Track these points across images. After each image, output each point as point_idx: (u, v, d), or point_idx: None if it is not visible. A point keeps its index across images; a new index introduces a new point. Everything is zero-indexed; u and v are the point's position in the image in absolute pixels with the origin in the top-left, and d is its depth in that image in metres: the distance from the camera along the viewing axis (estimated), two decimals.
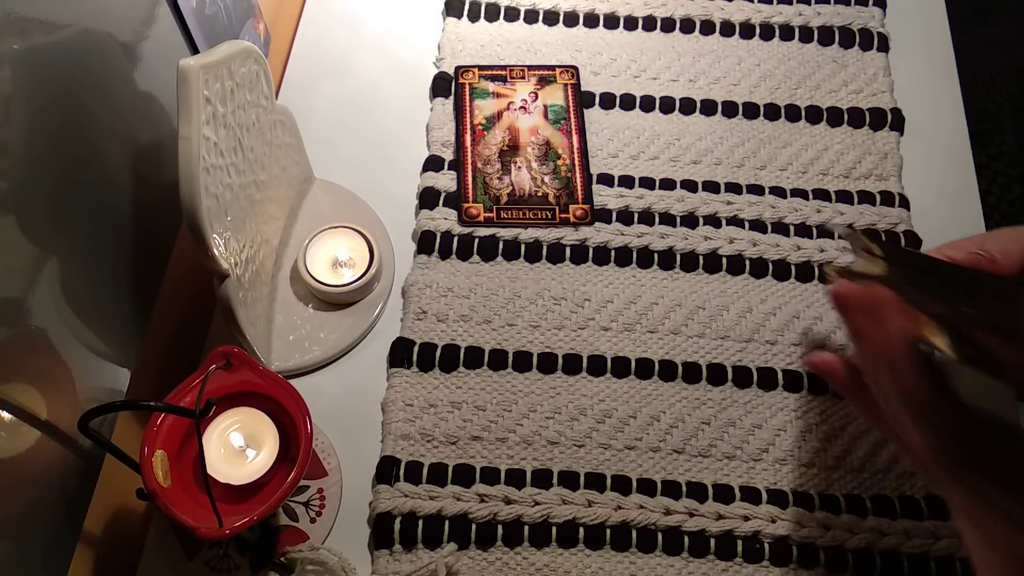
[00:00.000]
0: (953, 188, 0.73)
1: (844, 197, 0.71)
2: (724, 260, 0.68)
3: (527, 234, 0.69)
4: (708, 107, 0.75)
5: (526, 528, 0.59)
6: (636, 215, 0.70)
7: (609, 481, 0.60)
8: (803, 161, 0.73)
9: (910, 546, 0.58)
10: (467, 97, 0.75)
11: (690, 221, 0.70)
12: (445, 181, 0.71)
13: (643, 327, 0.66)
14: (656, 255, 0.68)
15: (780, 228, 0.70)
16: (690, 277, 0.68)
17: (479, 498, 0.59)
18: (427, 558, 0.58)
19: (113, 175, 0.57)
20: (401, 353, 0.64)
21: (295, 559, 0.57)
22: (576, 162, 0.72)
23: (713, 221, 0.70)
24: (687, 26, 0.79)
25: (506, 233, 0.69)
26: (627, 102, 0.75)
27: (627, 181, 0.71)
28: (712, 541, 0.58)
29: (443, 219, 0.69)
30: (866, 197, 0.71)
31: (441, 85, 0.76)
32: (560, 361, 0.64)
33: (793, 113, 0.75)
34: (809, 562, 0.58)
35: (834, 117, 0.75)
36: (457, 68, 0.77)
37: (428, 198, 0.70)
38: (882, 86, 0.76)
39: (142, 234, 0.60)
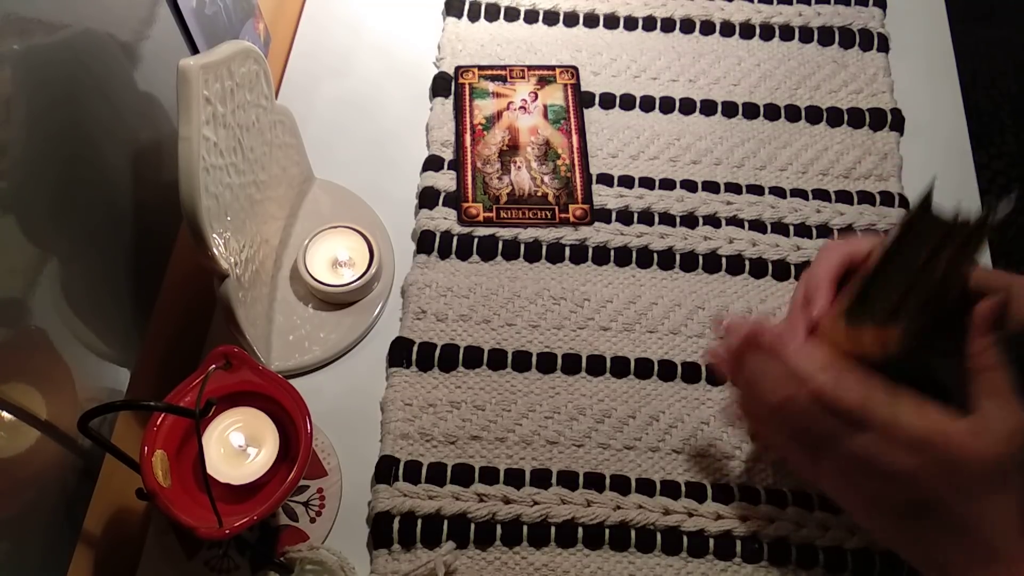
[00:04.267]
0: (953, 188, 0.73)
1: (844, 197, 0.71)
2: (724, 260, 0.68)
3: (527, 234, 0.69)
4: (708, 107, 0.75)
5: (525, 528, 0.59)
6: (636, 215, 0.70)
7: (608, 481, 0.60)
8: (803, 161, 0.73)
9: None
10: (467, 97, 0.75)
11: (690, 221, 0.70)
12: (445, 181, 0.71)
13: (642, 327, 0.66)
14: (656, 255, 0.69)
15: (780, 228, 0.70)
16: (690, 277, 0.68)
17: (478, 498, 0.59)
18: (425, 557, 0.58)
19: (113, 175, 0.57)
20: (400, 353, 0.64)
21: (295, 559, 0.57)
22: (576, 162, 0.72)
23: (713, 221, 0.70)
24: (687, 26, 0.80)
25: (506, 233, 0.69)
26: (627, 102, 0.75)
27: (627, 181, 0.71)
28: (711, 541, 0.59)
29: (443, 219, 0.70)
30: (866, 197, 0.71)
31: (441, 85, 0.76)
32: (559, 361, 0.64)
33: (793, 113, 0.75)
34: (808, 562, 0.58)
35: (834, 117, 0.75)
36: (457, 68, 0.77)
37: (428, 198, 0.70)
38: (882, 86, 0.76)
39: (142, 234, 0.60)
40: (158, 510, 0.51)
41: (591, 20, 0.80)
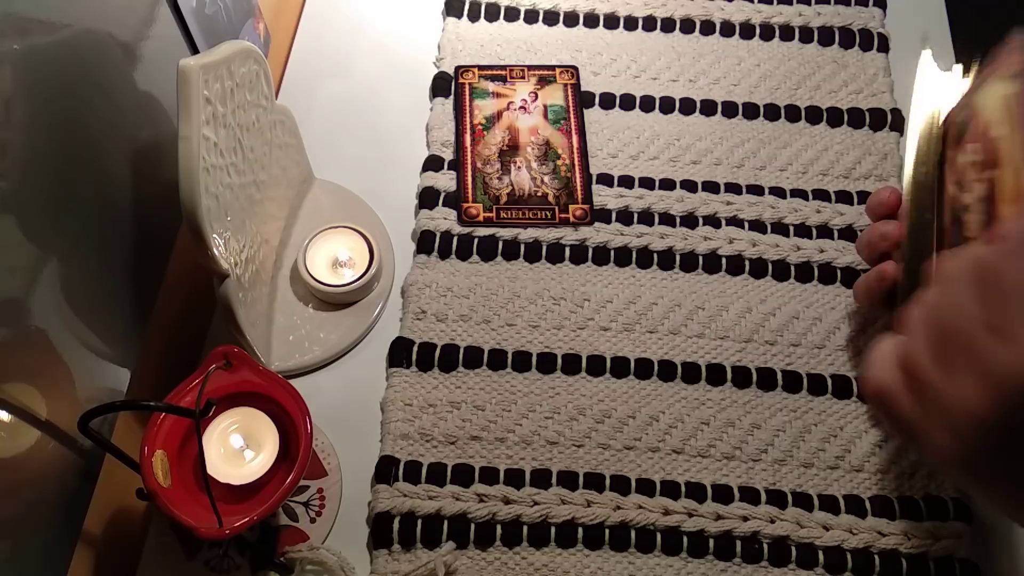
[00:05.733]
0: None
1: (844, 197, 0.71)
2: (723, 260, 0.68)
3: (527, 234, 0.69)
4: (708, 107, 0.75)
5: (525, 528, 0.59)
6: (636, 215, 0.70)
7: (608, 481, 0.60)
8: (803, 161, 0.73)
9: (909, 546, 0.58)
10: (467, 97, 0.75)
11: (690, 221, 0.70)
12: (445, 181, 0.71)
13: (642, 327, 0.66)
14: (655, 255, 0.69)
15: (780, 228, 0.70)
16: (689, 277, 0.68)
17: (478, 498, 0.59)
18: (425, 557, 0.58)
19: (113, 175, 0.57)
20: (400, 353, 0.64)
21: (295, 559, 0.57)
22: (576, 162, 0.72)
23: (713, 221, 0.70)
24: (687, 26, 0.80)
25: (506, 233, 0.69)
26: (627, 102, 0.75)
27: (627, 181, 0.71)
28: (711, 541, 0.59)
29: (443, 219, 0.70)
30: (866, 198, 0.71)
31: (441, 85, 0.76)
32: (559, 361, 0.64)
33: (793, 113, 0.75)
34: (808, 562, 0.58)
35: (834, 117, 0.75)
36: (457, 68, 0.77)
37: (428, 198, 0.70)
38: (882, 86, 0.76)
39: (142, 234, 0.60)
40: (158, 510, 0.51)
41: (591, 20, 0.80)
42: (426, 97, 0.77)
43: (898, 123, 0.75)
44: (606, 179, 0.71)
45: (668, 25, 0.80)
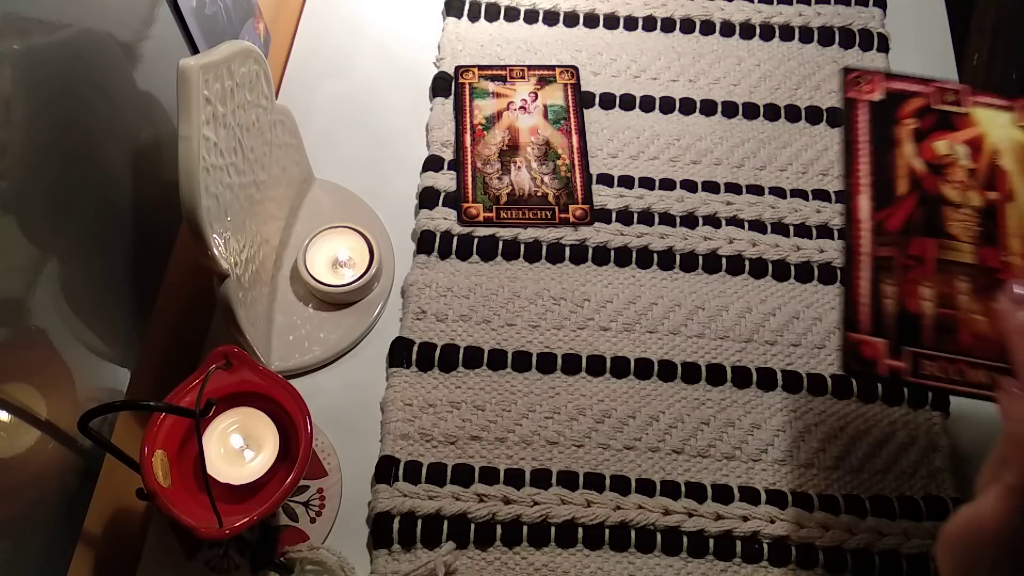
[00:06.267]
0: None
1: (844, 198, 0.71)
2: (723, 260, 0.68)
3: (527, 234, 0.69)
4: (708, 107, 0.75)
5: (525, 528, 0.59)
6: (636, 215, 0.70)
7: (608, 481, 0.60)
8: (803, 161, 0.73)
9: (909, 547, 0.58)
10: (467, 97, 0.75)
11: (690, 221, 0.70)
12: (445, 181, 0.71)
13: (642, 327, 0.66)
14: (655, 255, 0.69)
15: (780, 228, 0.70)
16: (689, 277, 0.68)
17: (478, 498, 0.59)
18: (425, 557, 0.58)
19: (113, 175, 0.57)
20: (400, 353, 0.64)
21: (295, 559, 0.57)
22: (576, 162, 0.72)
23: (713, 221, 0.70)
24: (687, 26, 0.80)
25: (506, 233, 0.69)
26: (627, 102, 0.75)
27: (627, 181, 0.71)
28: (711, 541, 0.59)
29: (443, 219, 0.70)
30: None
31: (441, 85, 0.76)
32: (559, 361, 0.64)
33: (793, 113, 0.75)
34: (808, 563, 0.58)
35: (834, 117, 0.75)
36: (457, 68, 0.77)
37: (428, 198, 0.70)
38: None
39: (142, 234, 0.60)
40: (158, 510, 0.51)
41: (591, 20, 0.80)
42: (426, 97, 0.77)
43: None
44: (606, 179, 0.71)
45: (668, 25, 0.80)
